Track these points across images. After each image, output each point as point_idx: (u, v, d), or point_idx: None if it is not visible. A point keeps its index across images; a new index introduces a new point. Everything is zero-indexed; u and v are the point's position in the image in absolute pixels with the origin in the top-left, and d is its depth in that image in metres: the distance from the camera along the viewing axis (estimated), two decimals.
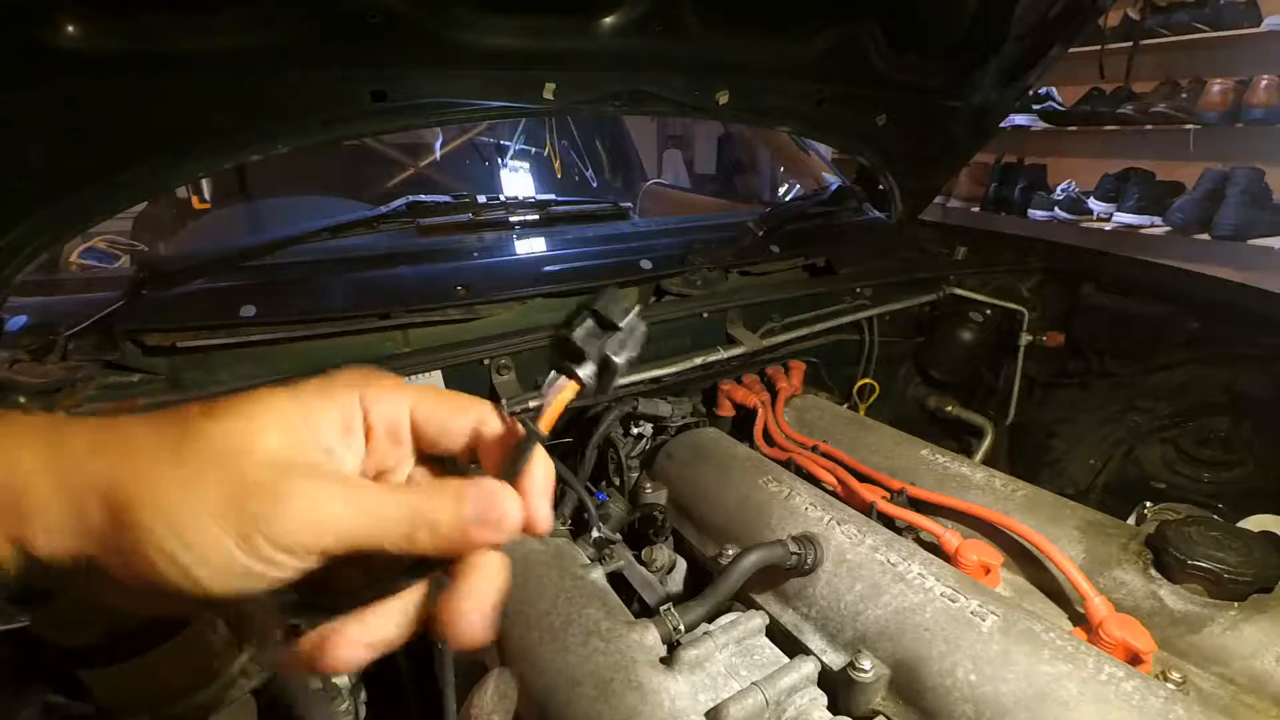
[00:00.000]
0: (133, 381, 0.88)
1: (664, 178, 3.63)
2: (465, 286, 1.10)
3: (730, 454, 1.04)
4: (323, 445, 0.31)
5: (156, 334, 0.91)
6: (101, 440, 0.28)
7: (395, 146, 2.20)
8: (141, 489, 0.27)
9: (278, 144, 0.91)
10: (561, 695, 0.63)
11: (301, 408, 0.31)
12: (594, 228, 1.56)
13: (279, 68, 0.87)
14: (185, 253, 1.44)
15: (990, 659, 0.63)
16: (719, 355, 1.19)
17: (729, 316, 1.28)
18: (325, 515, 0.28)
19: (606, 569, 0.83)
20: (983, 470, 1.00)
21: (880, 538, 0.79)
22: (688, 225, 1.75)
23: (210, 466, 0.27)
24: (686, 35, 1.05)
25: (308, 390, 0.32)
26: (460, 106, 1.04)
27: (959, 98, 1.35)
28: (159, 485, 0.27)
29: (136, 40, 0.75)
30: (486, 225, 1.44)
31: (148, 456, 0.27)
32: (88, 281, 1.46)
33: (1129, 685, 0.58)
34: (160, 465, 0.27)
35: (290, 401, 0.31)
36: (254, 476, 0.28)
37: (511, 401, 1.02)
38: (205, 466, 0.27)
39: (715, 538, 0.92)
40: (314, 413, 0.32)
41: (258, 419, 0.29)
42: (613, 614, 0.72)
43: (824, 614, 0.74)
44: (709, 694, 0.64)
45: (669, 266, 1.28)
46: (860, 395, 1.41)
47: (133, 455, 0.28)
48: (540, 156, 2.44)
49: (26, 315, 0.94)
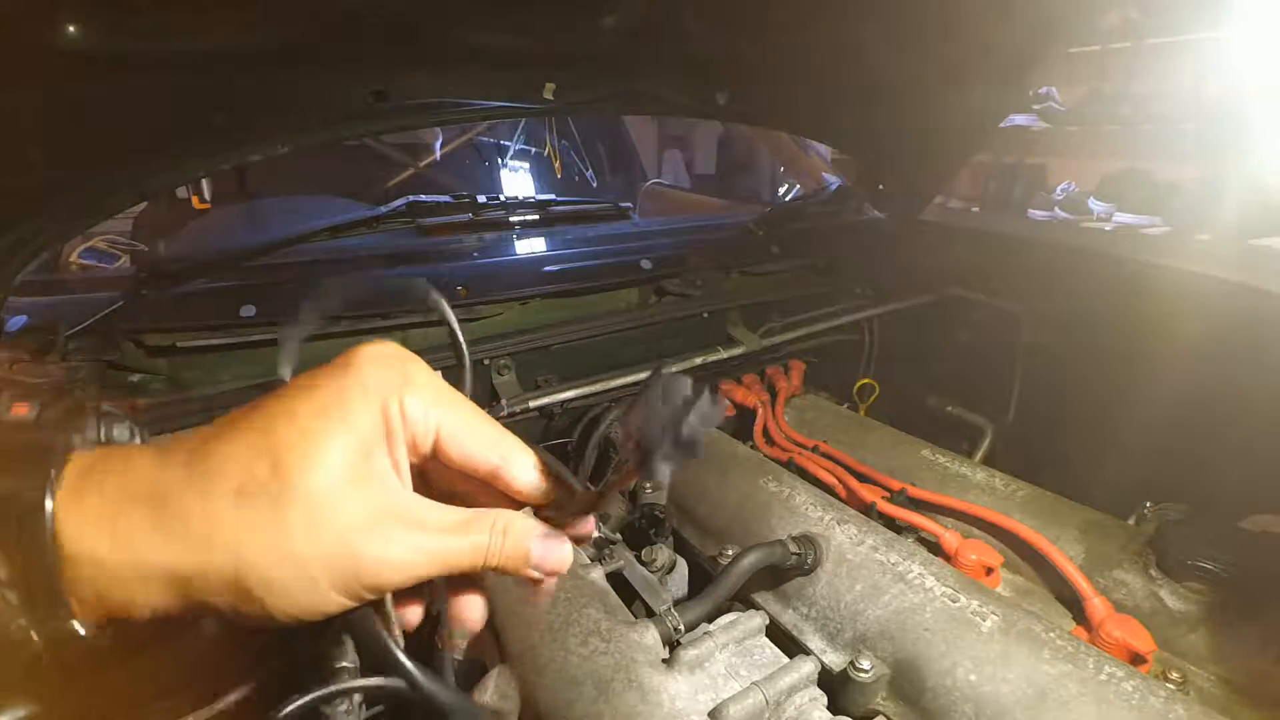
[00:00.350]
0: (133, 381, 0.88)
1: (664, 178, 3.63)
2: (465, 286, 1.10)
3: (730, 454, 1.04)
4: (385, 477, 0.33)
5: (156, 334, 0.91)
6: (210, 519, 0.30)
7: (395, 146, 2.19)
8: (256, 572, 0.30)
9: (278, 144, 0.91)
10: (561, 695, 0.63)
11: (361, 444, 0.32)
12: (594, 228, 1.56)
13: (279, 68, 0.87)
14: (185, 253, 1.44)
15: (990, 659, 0.63)
16: (719, 355, 1.19)
17: (729, 316, 1.28)
18: (410, 563, 0.33)
19: (606, 569, 0.83)
20: (983, 470, 1.00)
21: (880, 538, 0.79)
22: (688, 225, 1.75)
23: (312, 543, 0.30)
24: (686, 35, 1.05)
25: (356, 410, 0.32)
26: (460, 106, 1.04)
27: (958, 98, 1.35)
28: (271, 567, 0.30)
29: (136, 40, 0.74)
30: (486, 225, 1.44)
31: (253, 545, 0.30)
32: (88, 281, 1.46)
33: (1129, 685, 0.58)
34: (266, 553, 0.30)
35: (349, 438, 0.31)
36: (350, 544, 0.31)
37: (512, 401, 1.02)
38: (308, 543, 0.30)
39: (715, 538, 0.92)
40: (371, 445, 0.32)
41: (331, 473, 0.31)
42: (613, 614, 0.72)
43: (824, 614, 0.74)
44: (709, 694, 0.64)
45: (669, 266, 1.28)
46: (860, 395, 1.41)
47: (241, 547, 0.30)
48: (540, 156, 2.44)
49: (26, 315, 0.94)
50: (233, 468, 0.30)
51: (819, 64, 1.19)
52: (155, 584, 0.29)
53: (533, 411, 1.04)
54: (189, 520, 0.29)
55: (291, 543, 0.30)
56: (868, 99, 1.32)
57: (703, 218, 1.95)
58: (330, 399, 0.32)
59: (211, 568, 0.29)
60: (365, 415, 0.32)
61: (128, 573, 0.29)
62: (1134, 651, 0.70)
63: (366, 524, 0.31)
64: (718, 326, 1.26)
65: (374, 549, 0.31)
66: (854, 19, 1.07)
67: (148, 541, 0.29)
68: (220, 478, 0.30)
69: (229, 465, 0.30)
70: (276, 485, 0.30)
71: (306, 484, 0.30)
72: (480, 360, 1.04)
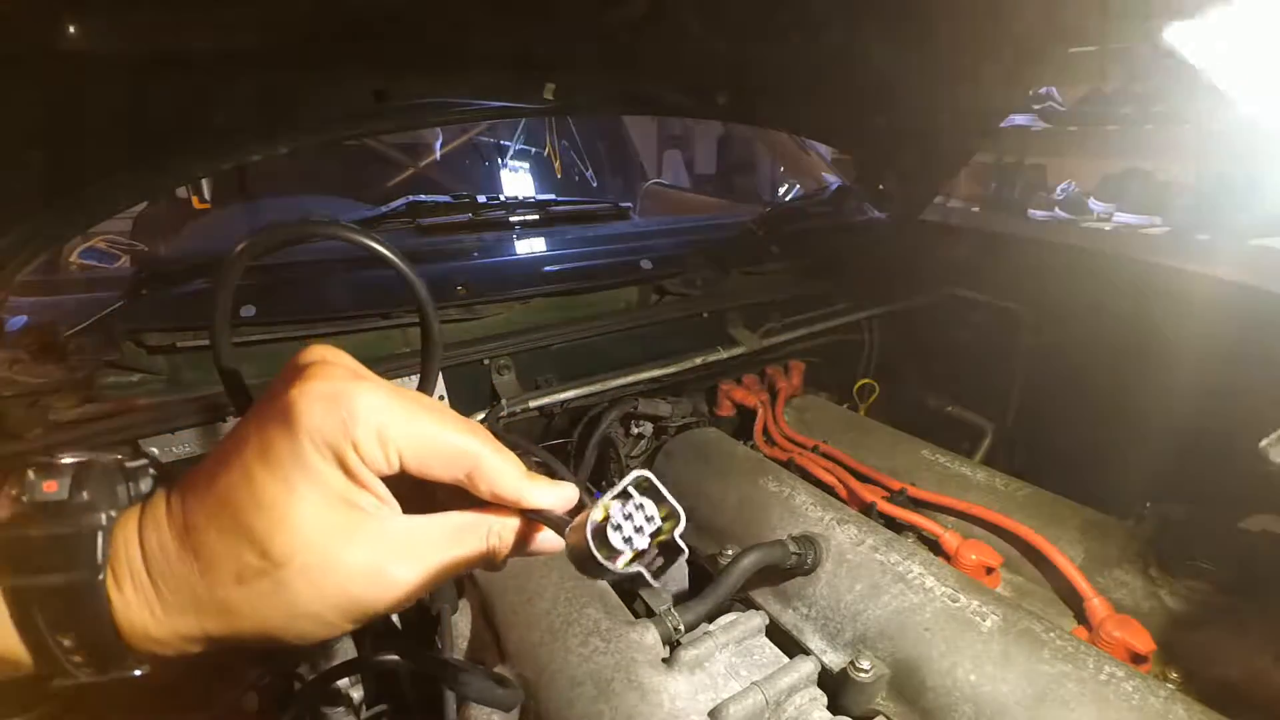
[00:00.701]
0: (133, 381, 0.88)
1: (664, 178, 3.63)
2: (465, 286, 1.10)
3: (730, 454, 1.04)
4: (369, 517, 0.34)
5: (156, 334, 0.90)
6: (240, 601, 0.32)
7: (395, 146, 2.19)
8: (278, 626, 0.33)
9: (278, 144, 0.91)
10: (562, 695, 0.63)
11: (335, 498, 0.32)
12: (594, 228, 1.56)
13: (279, 68, 0.87)
14: (185, 253, 1.44)
15: (990, 659, 0.63)
16: (719, 355, 1.19)
17: (729, 316, 1.27)
18: (415, 588, 0.35)
19: None
20: (983, 470, 1.00)
21: (880, 538, 0.79)
22: (688, 225, 1.75)
23: (321, 602, 0.33)
24: (686, 35, 1.05)
25: (315, 469, 0.32)
26: (460, 106, 1.04)
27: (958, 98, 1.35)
28: (290, 622, 0.33)
29: (136, 40, 0.74)
30: (486, 225, 1.44)
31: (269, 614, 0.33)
32: (88, 281, 1.46)
33: (1129, 685, 0.58)
34: (282, 616, 0.33)
35: (320, 498, 0.32)
36: (354, 594, 0.33)
37: (512, 401, 1.02)
38: (317, 603, 0.33)
39: (715, 538, 0.92)
40: (344, 493, 0.33)
41: (315, 541, 0.32)
42: (613, 614, 0.72)
43: (824, 614, 0.74)
44: (709, 694, 0.64)
45: (669, 266, 1.28)
46: (860, 395, 1.41)
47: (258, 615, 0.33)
48: (540, 156, 2.44)
49: (26, 315, 0.94)
50: (223, 559, 0.31)
51: (819, 64, 1.19)
52: (196, 643, 0.33)
53: (533, 411, 1.04)
54: (208, 604, 0.32)
55: (303, 606, 0.32)
56: (868, 99, 1.32)
57: (703, 218, 1.95)
58: (289, 464, 0.31)
59: (241, 629, 0.33)
60: (328, 472, 0.32)
61: (172, 638, 0.33)
62: (1134, 651, 0.70)
63: (366, 571, 0.33)
64: (718, 326, 1.26)
65: (377, 592, 0.33)
66: (854, 19, 1.07)
67: (182, 618, 0.32)
68: (217, 569, 0.32)
69: (219, 558, 0.32)
70: (270, 567, 0.31)
71: (297, 561, 0.32)
72: (480, 360, 1.04)
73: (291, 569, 0.31)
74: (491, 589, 0.77)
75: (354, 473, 0.32)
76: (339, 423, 0.31)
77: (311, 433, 0.31)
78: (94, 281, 1.42)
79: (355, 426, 0.32)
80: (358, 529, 0.33)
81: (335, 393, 0.32)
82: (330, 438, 0.31)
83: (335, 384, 0.32)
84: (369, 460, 0.32)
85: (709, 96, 1.21)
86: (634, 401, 1.11)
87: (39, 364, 0.83)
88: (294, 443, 0.31)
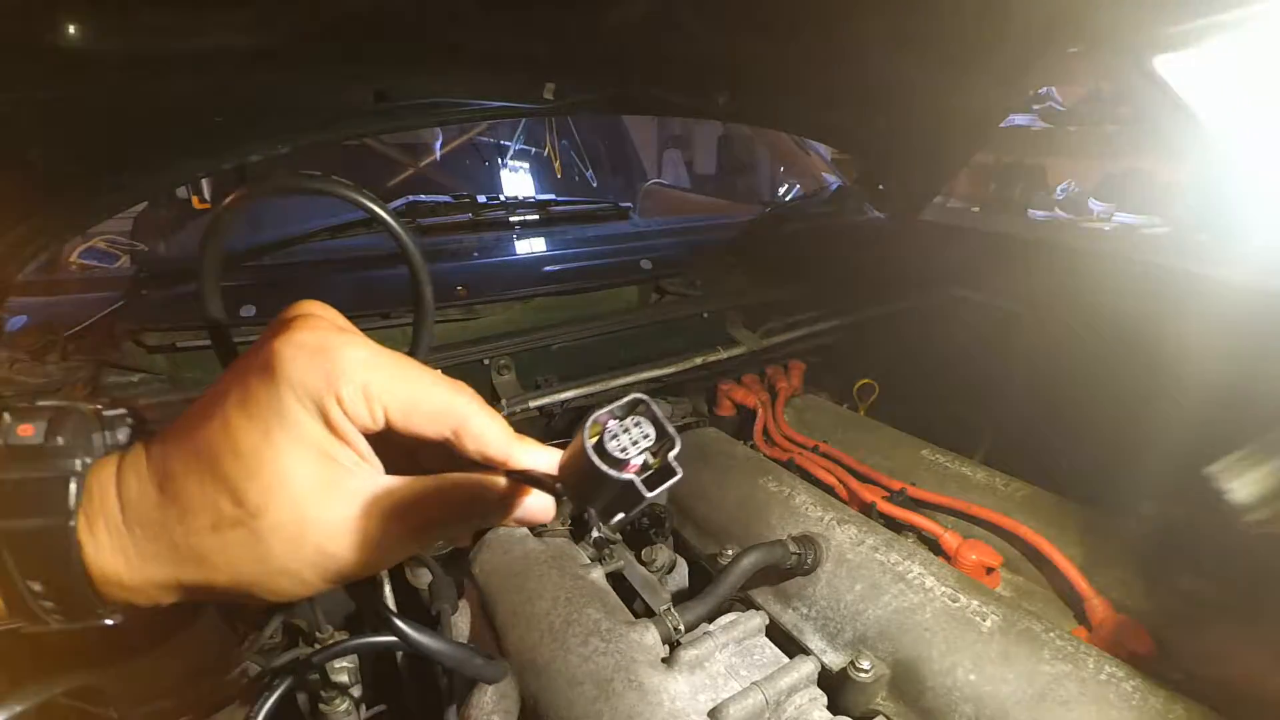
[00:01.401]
0: (133, 381, 0.88)
1: (664, 178, 3.63)
2: (465, 286, 1.10)
3: (730, 454, 1.04)
4: (350, 475, 0.33)
5: (156, 334, 0.91)
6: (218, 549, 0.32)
7: (395, 146, 2.19)
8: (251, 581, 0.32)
9: (278, 144, 0.91)
10: (562, 695, 0.63)
11: (316, 453, 0.31)
12: (594, 228, 1.56)
13: (279, 68, 0.87)
14: (185, 253, 1.44)
15: (990, 659, 0.63)
16: (719, 355, 1.19)
17: (729, 316, 1.27)
18: (395, 551, 0.34)
19: (606, 569, 0.83)
20: (983, 470, 1.00)
21: (880, 538, 0.79)
22: (688, 225, 1.75)
23: (296, 558, 0.32)
24: (686, 35, 1.05)
25: (297, 422, 0.31)
26: (460, 106, 1.04)
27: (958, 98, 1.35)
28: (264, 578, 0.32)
29: (136, 40, 0.74)
30: (486, 225, 1.44)
31: (243, 566, 0.32)
32: (88, 281, 1.46)
33: (1129, 685, 0.58)
34: (256, 570, 0.32)
35: (301, 453, 0.31)
36: (331, 553, 0.32)
37: (512, 401, 1.02)
38: (292, 559, 0.32)
39: (715, 538, 0.92)
40: (325, 448, 0.32)
41: (293, 495, 0.31)
42: (613, 614, 0.71)
43: (824, 614, 0.74)
44: (709, 694, 0.64)
45: (669, 266, 1.28)
46: (860, 395, 1.41)
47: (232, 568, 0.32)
48: (540, 156, 2.44)
49: (26, 315, 0.94)
50: (199, 506, 0.31)
51: (819, 64, 1.19)
52: (169, 592, 0.33)
53: (533, 411, 1.04)
54: (183, 551, 0.31)
55: (278, 561, 0.32)
56: (867, 99, 1.32)
57: (703, 218, 1.95)
58: (267, 413, 0.31)
59: (215, 580, 0.32)
60: (308, 423, 0.31)
61: (145, 586, 0.32)
62: (1134, 651, 0.70)
63: (343, 529, 0.32)
64: (718, 326, 1.26)
65: (355, 551, 0.32)
66: (854, 19, 1.07)
67: (157, 566, 0.32)
68: (193, 516, 0.31)
69: (196, 505, 0.31)
70: (246, 516, 0.31)
71: (273, 514, 0.31)
72: (480, 360, 1.04)
73: (267, 520, 0.31)
74: (491, 589, 0.77)
75: (336, 427, 0.31)
76: (322, 375, 0.31)
77: (293, 383, 0.30)
78: (94, 281, 1.42)
79: (339, 379, 0.31)
80: (337, 485, 0.32)
81: (321, 344, 0.31)
82: (312, 389, 0.31)
83: (321, 335, 0.32)
84: (353, 415, 0.31)
85: (709, 96, 1.21)
86: None
87: (39, 364, 0.83)
88: (274, 392, 0.30)
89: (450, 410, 0.34)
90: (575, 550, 0.86)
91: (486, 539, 0.84)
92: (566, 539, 0.89)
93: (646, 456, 0.31)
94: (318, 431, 0.31)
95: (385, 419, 0.32)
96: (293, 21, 0.82)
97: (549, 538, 0.86)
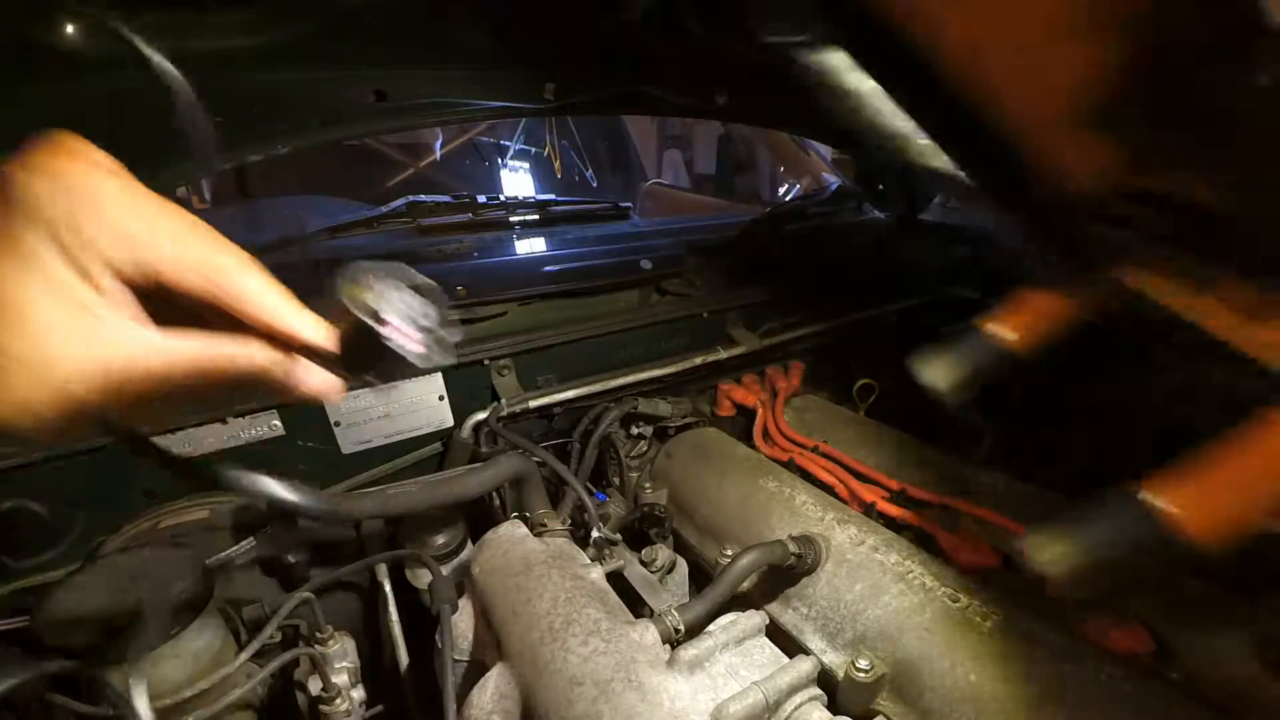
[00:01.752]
0: None
1: (664, 178, 3.63)
2: (465, 286, 1.10)
3: (730, 454, 1.04)
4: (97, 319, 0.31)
5: None
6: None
7: (395, 146, 2.20)
8: None
9: (278, 144, 0.91)
10: (561, 695, 0.63)
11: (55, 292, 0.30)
12: (594, 228, 1.56)
13: (279, 68, 0.87)
14: None
15: (990, 659, 0.63)
16: (719, 355, 1.20)
17: (729, 316, 1.28)
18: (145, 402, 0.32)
19: (606, 569, 0.83)
20: (983, 470, 1.00)
21: (880, 538, 0.79)
22: (688, 225, 1.75)
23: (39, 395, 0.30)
24: (686, 35, 1.05)
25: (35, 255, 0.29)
26: (460, 106, 1.04)
27: None
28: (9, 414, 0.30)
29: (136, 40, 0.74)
30: (486, 225, 1.45)
31: None
32: None
33: (1129, 685, 0.58)
34: None
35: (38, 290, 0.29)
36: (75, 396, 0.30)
37: (512, 401, 1.02)
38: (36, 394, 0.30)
39: (715, 537, 0.92)
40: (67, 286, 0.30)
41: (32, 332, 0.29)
42: (613, 614, 0.71)
43: (824, 614, 0.74)
44: (709, 694, 0.64)
45: (669, 266, 1.28)
46: (860, 395, 1.41)
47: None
48: (540, 156, 2.44)
49: None
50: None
51: None
52: None
53: (533, 411, 1.04)
54: None
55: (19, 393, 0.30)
56: None
57: (703, 218, 1.96)
58: (15, 257, 0.29)
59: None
60: (48, 259, 0.29)
61: None
62: (1134, 651, 0.70)
63: (88, 375, 0.30)
64: (718, 326, 1.26)
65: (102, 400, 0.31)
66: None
67: None
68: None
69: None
70: None
71: (15, 349, 0.29)
72: (480, 360, 1.04)
73: (7, 357, 0.29)
74: (491, 588, 0.77)
75: (83, 264, 0.29)
76: (67, 210, 0.28)
77: (31, 214, 0.28)
78: None
79: (87, 211, 0.29)
80: (85, 329, 0.30)
81: (70, 171, 0.29)
82: (54, 225, 0.28)
83: (70, 164, 0.29)
84: (109, 258, 0.29)
85: (709, 96, 1.21)
86: (634, 402, 1.11)
87: None
88: (12, 228, 0.28)
89: (214, 263, 0.32)
90: (575, 550, 0.86)
91: (486, 539, 0.84)
92: (567, 539, 0.89)
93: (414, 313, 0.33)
94: (64, 274, 0.29)
95: (144, 266, 0.31)
96: (293, 21, 0.82)
97: (549, 538, 0.86)
